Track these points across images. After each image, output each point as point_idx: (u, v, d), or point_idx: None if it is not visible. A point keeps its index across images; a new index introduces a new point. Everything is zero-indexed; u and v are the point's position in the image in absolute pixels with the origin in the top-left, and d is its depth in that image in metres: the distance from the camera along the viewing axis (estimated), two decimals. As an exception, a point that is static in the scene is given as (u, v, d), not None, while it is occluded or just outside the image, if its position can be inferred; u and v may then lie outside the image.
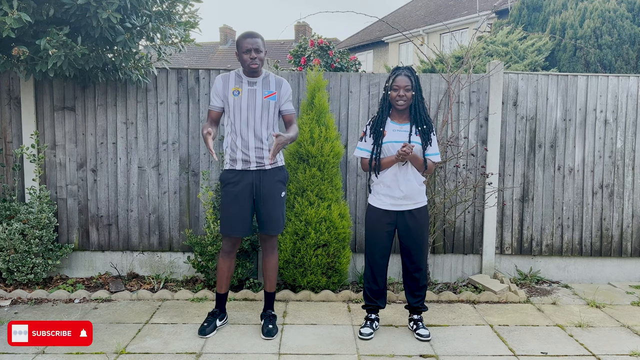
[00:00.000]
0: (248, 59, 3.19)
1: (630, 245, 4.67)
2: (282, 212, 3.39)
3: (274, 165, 3.33)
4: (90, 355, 3.06)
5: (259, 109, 3.25)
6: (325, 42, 6.63)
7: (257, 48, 3.19)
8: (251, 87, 3.27)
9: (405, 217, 3.31)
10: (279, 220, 3.37)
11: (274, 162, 3.32)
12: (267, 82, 3.32)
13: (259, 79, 3.31)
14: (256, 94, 3.26)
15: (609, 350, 3.24)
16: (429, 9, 20.68)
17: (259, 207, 3.33)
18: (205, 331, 3.33)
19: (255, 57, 3.19)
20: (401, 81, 3.20)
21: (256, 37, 3.21)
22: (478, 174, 4.52)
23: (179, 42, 4.12)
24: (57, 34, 3.37)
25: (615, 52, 6.88)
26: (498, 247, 4.64)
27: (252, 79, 3.30)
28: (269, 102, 3.28)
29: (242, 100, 3.24)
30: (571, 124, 4.58)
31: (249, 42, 3.18)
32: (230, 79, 3.30)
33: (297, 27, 23.78)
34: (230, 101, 3.25)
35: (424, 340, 3.32)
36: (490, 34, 8.32)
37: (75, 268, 4.53)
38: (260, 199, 3.30)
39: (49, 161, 4.42)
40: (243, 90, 3.26)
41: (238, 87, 3.27)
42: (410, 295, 3.47)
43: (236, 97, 3.25)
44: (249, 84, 3.28)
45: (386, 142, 3.27)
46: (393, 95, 3.22)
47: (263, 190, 3.29)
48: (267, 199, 3.30)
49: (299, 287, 4.15)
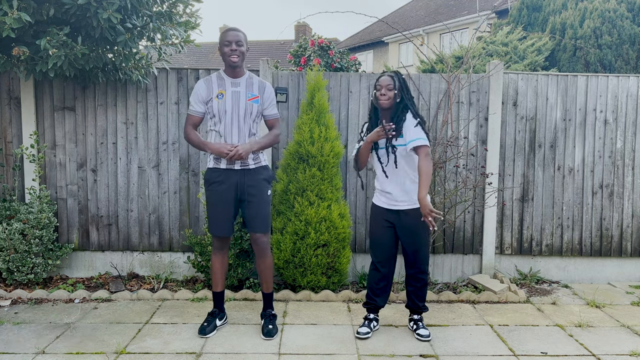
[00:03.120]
0: (228, 51, 3.17)
1: (630, 245, 4.68)
2: (267, 211, 3.36)
3: (258, 165, 3.32)
4: (90, 355, 3.06)
5: (242, 111, 3.24)
6: (325, 42, 6.63)
7: (238, 41, 3.18)
8: (235, 88, 3.26)
9: (401, 216, 3.31)
10: (266, 219, 3.35)
11: (257, 161, 3.31)
12: (250, 83, 3.30)
13: (242, 79, 3.29)
14: (240, 96, 3.25)
15: (609, 350, 3.24)
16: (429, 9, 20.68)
17: (245, 206, 3.31)
18: (205, 331, 3.33)
19: (235, 49, 3.17)
20: (383, 81, 3.24)
21: (237, 31, 3.21)
22: (478, 174, 4.52)
23: (179, 43, 4.12)
24: (57, 34, 3.38)
25: (615, 52, 6.88)
26: (498, 247, 4.64)
27: (235, 79, 3.27)
28: (252, 105, 3.26)
29: (227, 102, 3.23)
30: (571, 124, 4.58)
31: (230, 35, 3.18)
32: (212, 83, 3.27)
33: (297, 27, 23.80)
34: (214, 104, 3.23)
35: (424, 340, 3.32)
36: (490, 34, 8.32)
37: (75, 268, 4.54)
38: (245, 198, 3.29)
39: (49, 161, 4.42)
40: (227, 93, 3.24)
41: (222, 89, 3.25)
42: (410, 295, 3.47)
43: (220, 100, 3.23)
44: (233, 84, 3.26)
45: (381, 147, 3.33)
46: (377, 94, 3.26)
47: (248, 190, 3.27)
48: (252, 198, 3.28)
49: (299, 287, 4.16)
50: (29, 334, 3.35)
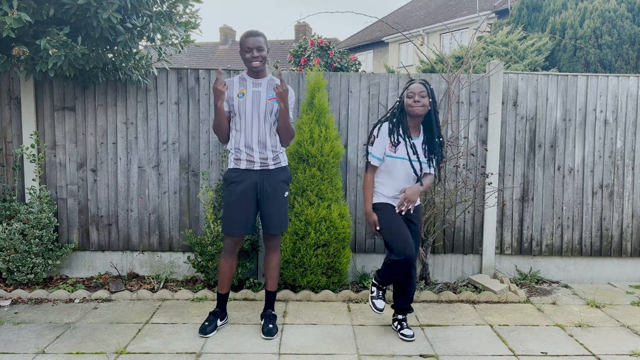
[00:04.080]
0: (250, 57, 3.21)
1: (630, 245, 4.68)
2: (285, 211, 3.41)
3: (278, 166, 3.34)
4: (90, 355, 3.06)
5: (263, 110, 3.26)
6: (325, 42, 6.64)
7: (259, 47, 3.21)
8: (255, 88, 3.28)
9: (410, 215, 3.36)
10: (282, 219, 3.39)
11: (277, 162, 3.33)
12: (272, 85, 3.32)
13: (263, 80, 3.32)
14: (260, 95, 3.27)
15: (609, 350, 3.24)
16: (429, 9, 20.69)
17: (263, 206, 3.34)
18: (206, 330, 3.33)
19: (257, 56, 3.20)
20: (416, 88, 3.19)
21: (258, 36, 3.22)
22: (478, 174, 4.52)
23: (179, 43, 4.13)
24: (57, 34, 3.38)
25: (615, 52, 6.89)
26: (498, 247, 4.64)
27: (256, 80, 3.31)
28: (272, 105, 3.28)
29: (247, 101, 3.25)
30: (571, 124, 4.58)
31: (251, 42, 3.20)
32: (234, 84, 3.30)
33: (297, 27, 23.83)
34: (235, 103, 3.26)
35: (408, 340, 3.33)
36: (490, 34, 8.32)
37: (75, 268, 4.54)
38: (263, 198, 3.31)
39: (49, 161, 4.42)
40: (247, 92, 3.27)
41: (242, 89, 3.28)
42: (396, 295, 3.46)
43: (241, 99, 3.26)
44: (254, 85, 3.29)
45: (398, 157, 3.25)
46: (408, 102, 3.19)
47: (267, 190, 3.30)
48: (270, 198, 3.31)
49: (299, 287, 4.16)
50: (29, 334, 3.35)
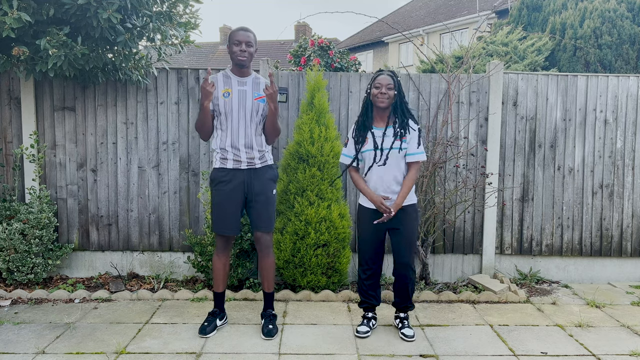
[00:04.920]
0: (238, 50, 3.19)
1: (630, 245, 4.68)
2: (272, 210, 3.39)
3: (264, 164, 3.34)
4: (90, 355, 3.06)
5: (249, 110, 3.25)
6: (325, 42, 6.63)
7: (248, 41, 3.20)
8: (241, 87, 3.26)
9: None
10: (271, 217, 3.38)
11: (264, 161, 3.32)
12: (257, 83, 3.31)
13: (248, 79, 3.30)
14: (246, 95, 3.26)
15: (609, 350, 3.24)
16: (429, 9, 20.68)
17: (251, 205, 3.33)
18: (205, 331, 3.33)
19: (245, 50, 3.20)
20: (384, 80, 3.22)
21: (248, 32, 3.23)
22: (478, 174, 4.52)
23: (179, 43, 4.13)
24: (57, 34, 3.38)
25: (615, 52, 6.88)
26: (498, 247, 4.64)
27: (241, 78, 3.29)
28: (258, 104, 3.27)
29: (233, 101, 3.23)
30: (571, 124, 4.58)
31: (240, 35, 3.20)
32: (218, 81, 3.27)
33: (297, 27, 23.82)
34: (221, 103, 3.23)
35: (408, 340, 3.32)
36: (490, 34, 8.32)
37: (75, 268, 4.54)
38: (251, 197, 3.31)
39: (49, 161, 4.42)
40: (233, 91, 3.25)
41: (228, 88, 3.26)
42: (396, 293, 3.46)
43: (227, 98, 3.23)
44: (239, 84, 3.27)
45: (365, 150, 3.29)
46: (374, 92, 3.23)
47: (255, 189, 3.29)
48: (258, 197, 3.31)
49: (299, 287, 4.16)
50: (29, 334, 3.35)
